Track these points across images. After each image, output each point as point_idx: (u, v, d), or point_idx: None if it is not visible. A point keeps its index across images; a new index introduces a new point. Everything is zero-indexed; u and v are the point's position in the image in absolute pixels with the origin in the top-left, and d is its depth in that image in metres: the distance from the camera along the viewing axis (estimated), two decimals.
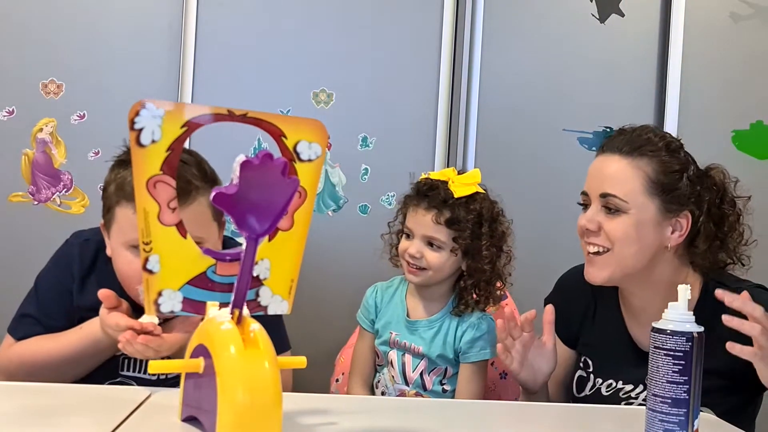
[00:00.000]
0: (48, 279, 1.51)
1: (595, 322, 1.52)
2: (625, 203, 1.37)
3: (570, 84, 2.29)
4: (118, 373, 1.45)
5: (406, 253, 1.54)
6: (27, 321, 1.47)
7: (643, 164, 1.38)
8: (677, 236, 1.39)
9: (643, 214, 1.37)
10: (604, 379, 1.47)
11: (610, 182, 1.39)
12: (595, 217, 1.40)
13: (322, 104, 2.23)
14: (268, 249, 0.98)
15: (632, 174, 1.38)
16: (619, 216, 1.38)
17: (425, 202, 1.53)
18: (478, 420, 1.22)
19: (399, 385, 1.58)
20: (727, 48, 2.31)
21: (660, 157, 1.38)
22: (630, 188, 1.37)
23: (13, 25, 2.16)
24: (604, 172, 1.40)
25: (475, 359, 1.53)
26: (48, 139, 2.16)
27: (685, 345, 1.01)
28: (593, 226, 1.40)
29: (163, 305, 0.94)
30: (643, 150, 1.39)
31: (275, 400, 0.89)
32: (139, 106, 0.88)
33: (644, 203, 1.37)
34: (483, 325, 1.55)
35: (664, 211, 1.38)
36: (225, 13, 2.20)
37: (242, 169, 0.86)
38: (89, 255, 1.50)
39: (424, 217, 1.52)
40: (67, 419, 1.03)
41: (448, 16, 2.23)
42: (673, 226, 1.39)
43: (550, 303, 1.56)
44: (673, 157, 1.39)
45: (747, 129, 2.31)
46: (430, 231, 1.52)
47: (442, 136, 2.23)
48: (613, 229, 1.38)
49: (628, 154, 1.39)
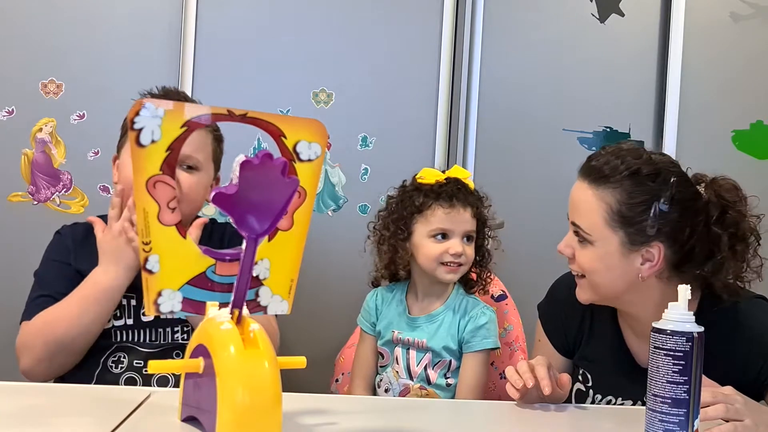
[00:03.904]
0: (46, 263, 1.57)
1: (593, 336, 1.49)
2: (589, 235, 1.33)
3: (570, 84, 2.29)
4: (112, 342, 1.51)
5: (446, 254, 1.56)
6: (37, 302, 1.50)
7: (607, 195, 1.31)
8: (648, 267, 1.32)
9: (606, 246, 1.32)
10: (603, 395, 1.44)
11: (577, 212, 1.35)
12: (570, 242, 1.38)
13: (322, 104, 2.22)
14: (267, 249, 0.98)
15: (595, 206, 1.32)
16: (586, 246, 1.34)
17: (457, 200, 1.57)
18: (479, 420, 1.22)
19: (403, 380, 1.58)
20: (727, 48, 2.31)
21: (623, 187, 1.30)
22: (592, 221, 1.32)
23: (13, 25, 2.15)
24: (575, 201, 1.37)
25: (478, 348, 1.55)
26: (47, 139, 2.16)
27: (685, 345, 1.01)
28: (568, 252, 1.38)
29: (162, 305, 0.94)
30: (607, 179, 1.31)
31: (275, 400, 0.89)
32: (139, 106, 0.87)
33: (607, 236, 1.31)
34: (484, 316, 1.57)
35: (628, 243, 1.31)
36: (225, 13, 2.20)
37: (242, 168, 0.86)
38: (81, 229, 1.59)
39: (464, 214, 1.57)
40: (67, 419, 1.04)
41: (448, 15, 2.23)
42: (643, 256, 1.32)
43: (545, 311, 1.56)
44: (639, 186, 1.30)
45: (747, 129, 2.31)
46: (469, 226, 1.58)
47: (442, 136, 2.23)
48: (581, 258, 1.36)
49: (594, 183, 1.33)
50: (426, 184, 1.59)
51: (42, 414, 1.05)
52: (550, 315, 1.55)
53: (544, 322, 1.56)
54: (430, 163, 2.20)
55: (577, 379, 1.49)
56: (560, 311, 1.53)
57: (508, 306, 1.75)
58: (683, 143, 2.26)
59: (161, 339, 1.53)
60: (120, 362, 1.50)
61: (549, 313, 1.55)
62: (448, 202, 1.56)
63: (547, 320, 1.55)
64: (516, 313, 1.76)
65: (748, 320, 1.35)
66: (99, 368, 1.50)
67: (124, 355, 1.51)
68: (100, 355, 1.50)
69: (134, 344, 1.52)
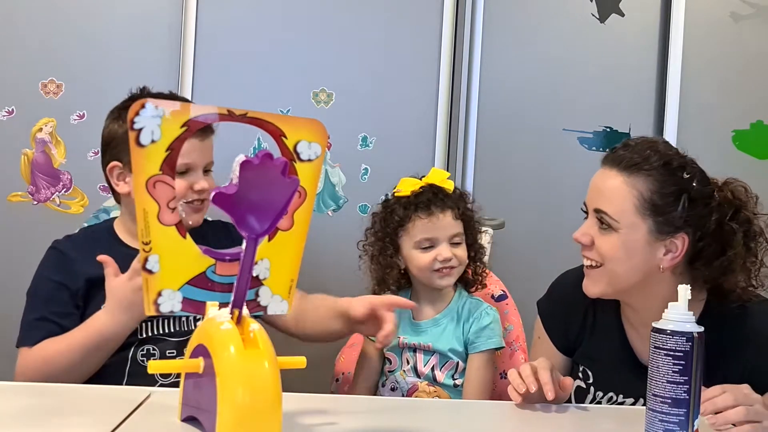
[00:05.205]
0: (41, 281, 1.52)
1: (595, 333, 1.49)
2: (615, 222, 1.34)
3: (570, 84, 2.29)
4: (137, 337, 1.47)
5: (436, 262, 1.56)
6: (35, 325, 1.46)
7: (639, 183, 1.33)
8: (670, 258, 1.34)
9: (633, 234, 1.33)
10: (604, 392, 1.44)
11: (604, 199, 1.36)
12: (588, 231, 1.38)
13: (322, 104, 2.22)
14: (267, 249, 0.98)
15: (626, 192, 1.33)
16: (610, 233, 1.35)
17: (435, 206, 1.56)
18: (479, 420, 1.22)
19: (411, 378, 1.58)
20: (727, 48, 2.31)
21: (656, 176, 1.33)
22: (622, 207, 1.33)
23: (13, 25, 2.15)
24: (600, 187, 1.37)
25: (483, 348, 1.57)
26: (47, 139, 2.16)
27: (685, 345, 1.01)
28: (586, 240, 1.38)
29: (162, 305, 0.94)
30: (639, 167, 1.34)
31: (275, 400, 0.89)
32: (139, 106, 0.87)
33: (635, 223, 1.33)
34: (488, 317, 1.59)
35: (656, 232, 1.33)
36: (225, 13, 2.19)
37: (242, 168, 0.86)
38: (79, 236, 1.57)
39: (445, 218, 1.56)
40: (67, 419, 1.04)
41: (448, 15, 2.23)
42: (667, 247, 1.34)
43: (545, 308, 1.56)
44: (672, 176, 1.34)
45: (747, 129, 2.31)
46: (453, 229, 1.57)
47: (442, 136, 2.23)
48: (602, 245, 1.36)
49: (625, 171, 1.35)
50: (403, 196, 1.59)
51: (42, 414, 1.05)
52: (551, 313, 1.54)
53: (545, 319, 1.55)
54: (430, 163, 2.20)
55: (577, 377, 1.49)
56: (562, 309, 1.53)
57: (508, 306, 1.75)
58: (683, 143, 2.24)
59: (185, 327, 1.50)
60: (151, 354, 1.47)
61: (550, 311, 1.55)
62: (426, 211, 1.56)
63: (547, 318, 1.55)
64: (516, 313, 1.75)
65: (758, 323, 1.36)
66: (129, 364, 1.46)
67: (154, 347, 1.48)
68: (126, 352, 1.45)
69: (161, 336, 1.48)
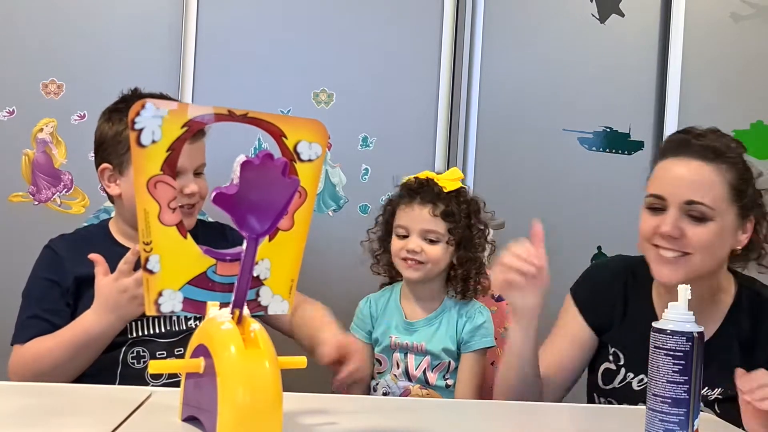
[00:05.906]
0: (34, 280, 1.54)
1: (627, 317, 1.52)
2: (711, 211, 1.37)
3: (570, 84, 2.29)
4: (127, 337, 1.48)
5: (403, 250, 1.55)
6: (27, 323, 1.48)
7: (726, 171, 1.38)
8: (744, 239, 1.42)
9: (725, 221, 1.38)
10: (636, 374, 1.47)
11: (697, 189, 1.38)
12: (677, 223, 1.38)
13: (323, 104, 2.23)
14: (268, 249, 0.98)
15: (718, 181, 1.38)
16: (704, 223, 1.37)
17: (418, 198, 1.56)
18: (479, 420, 1.22)
19: (403, 382, 1.58)
20: (727, 48, 2.31)
21: (739, 163, 1.40)
22: (716, 196, 1.37)
23: (13, 25, 2.15)
24: (689, 179, 1.39)
25: (477, 347, 1.57)
26: (48, 139, 2.16)
27: (685, 345, 1.01)
28: (677, 233, 1.38)
29: (163, 305, 0.94)
30: (725, 156, 1.39)
31: (275, 400, 0.89)
32: (140, 106, 0.87)
33: (727, 210, 1.38)
34: (482, 316, 1.59)
35: (740, 217, 1.40)
36: (225, 13, 2.20)
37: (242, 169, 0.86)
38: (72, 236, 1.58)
39: (421, 211, 1.55)
40: (67, 419, 1.03)
41: (448, 16, 2.23)
42: (743, 230, 1.41)
43: (578, 291, 1.58)
44: (744, 162, 1.41)
45: (747, 129, 2.31)
46: (427, 224, 1.55)
47: (442, 136, 2.23)
48: (697, 235, 1.37)
49: (712, 161, 1.38)
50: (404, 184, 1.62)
51: (42, 414, 1.05)
52: (587, 293, 1.56)
53: (579, 300, 1.56)
54: (430, 163, 2.21)
55: (607, 359, 1.51)
56: (597, 289, 1.56)
57: (508, 306, 1.75)
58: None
59: (176, 327, 1.51)
60: (141, 357, 1.48)
61: (585, 292, 1.56)
62: (408, 199, 1.57)
63: (582, 299, 1.56)
64: None
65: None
66: (120, 367, 1.47)
67: (143, 349, 1.49)
68: (117, 353, 1.47)
69: (151, 337, 1.49)
